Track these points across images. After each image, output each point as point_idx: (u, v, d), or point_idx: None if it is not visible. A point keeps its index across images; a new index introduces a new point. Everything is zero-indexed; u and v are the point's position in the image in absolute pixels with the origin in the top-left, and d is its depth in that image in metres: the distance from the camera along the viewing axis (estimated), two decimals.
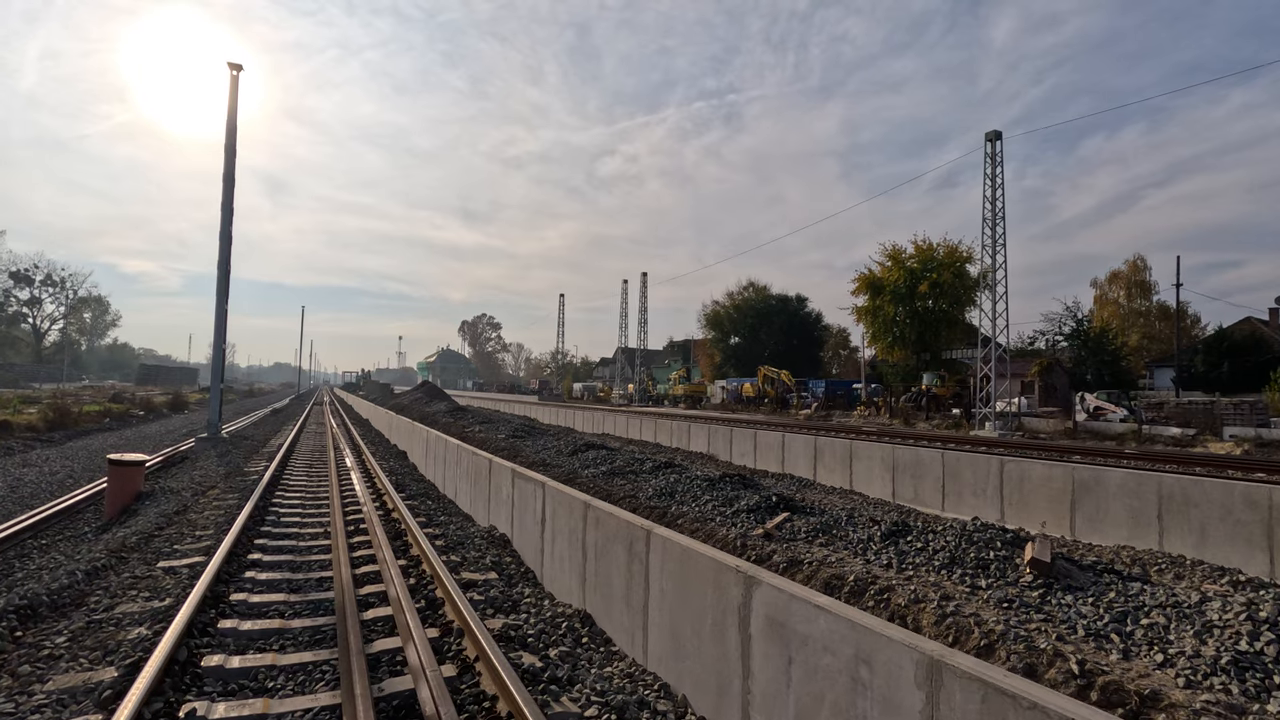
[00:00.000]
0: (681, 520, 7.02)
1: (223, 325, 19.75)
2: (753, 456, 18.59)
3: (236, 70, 20.87)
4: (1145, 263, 66.15)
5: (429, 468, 14.60)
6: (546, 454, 13.31)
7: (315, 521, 9.30)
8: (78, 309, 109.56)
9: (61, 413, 28.35)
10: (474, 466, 10.27)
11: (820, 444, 16.25)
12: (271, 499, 10.64)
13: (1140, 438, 27.08)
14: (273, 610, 5.67)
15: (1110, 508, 10.09)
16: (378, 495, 11.33)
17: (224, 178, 20.12)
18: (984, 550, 5.22)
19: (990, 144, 32.01)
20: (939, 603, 4.13)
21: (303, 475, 13.81)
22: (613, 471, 10.49)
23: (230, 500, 10.38)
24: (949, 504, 12.70)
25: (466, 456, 10.84)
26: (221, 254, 19.86)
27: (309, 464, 15.73)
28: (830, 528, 6.41)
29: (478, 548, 7.83)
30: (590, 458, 12.08)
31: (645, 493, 8.77)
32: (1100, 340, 49.64)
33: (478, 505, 10.02)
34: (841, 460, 15.45)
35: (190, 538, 7.97)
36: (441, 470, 13.10)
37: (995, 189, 32.07)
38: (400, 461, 17.25)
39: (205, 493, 11.14)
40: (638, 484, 9.41)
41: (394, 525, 8.92)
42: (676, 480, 9.14)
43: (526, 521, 7.63)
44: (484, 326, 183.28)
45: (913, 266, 46.56)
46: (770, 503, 7.44)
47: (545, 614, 5.76)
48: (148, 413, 37.78)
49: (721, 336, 70.93)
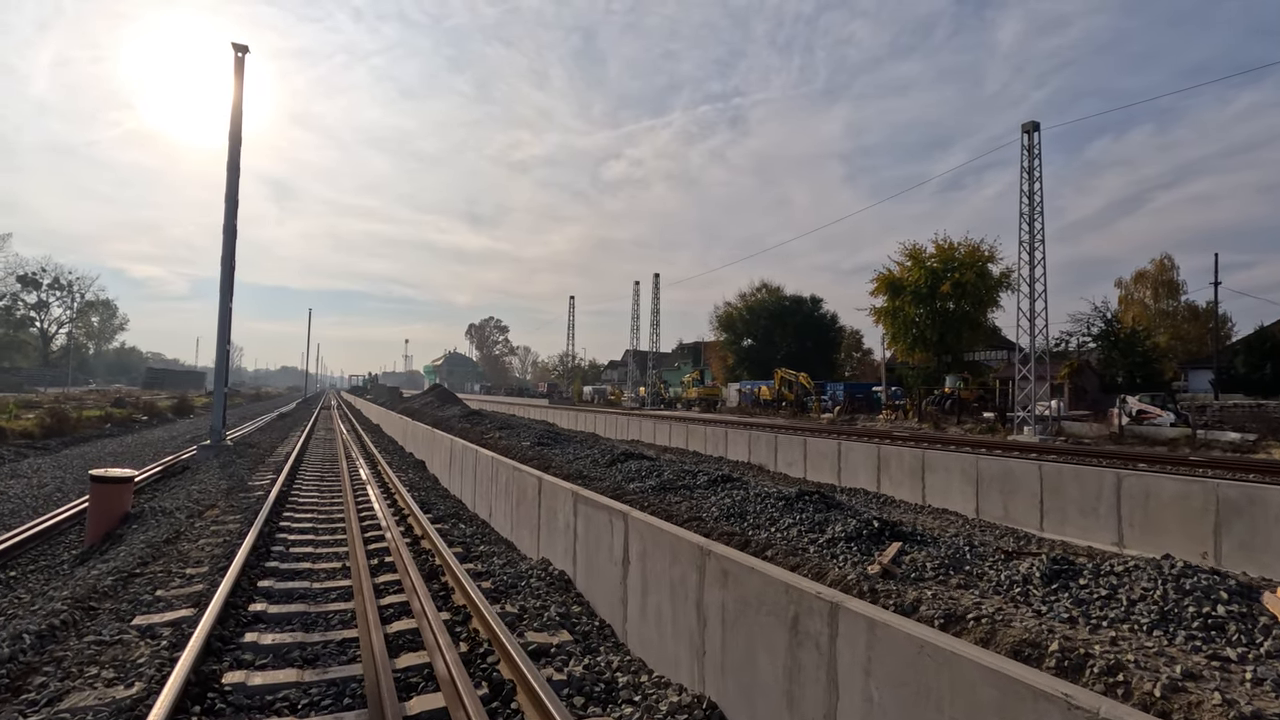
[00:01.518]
0: (772, 551, 5.50)
1: (226, 323, 18.31)
2: (802, 466, 17.00)
3: (242, 52, 19.47)
4: (1172, 262, 64.36)
5: (454, 481, 13.08)
6: (581, 464, 11.83)
7: (331, 553, 7.78)
8: (85, 313, 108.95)
9: (60, 418, 27.01)
10: (516, 484, 8.73)
11: (886, 453, 14.63)
12: (279, 522, 9.13)
13: (1194, 443, 25.38)
14: (281, 700, 4.13)
15: (1273, 534, 8.48)
16: (400, 516, 9.81)
17: (228, 165, 18.71)
18: (1205, 602, 3.70)
19: (1027, 135, 30.45)
20: (1200, 689, 2.64)
21: (313, 490, 12.32)
22: (663, 486, 9.00)
23: (231, 524, 8.87)
24: (1050, 524, 11.08)
25: (505, 472, 9.30)
26: (226, 248, 18.44)
27: (320, 475, 14.24)
28: (958, 562, 4.93)
29: (535, 592, 6.28)
30: (632, 469, 10.59)
31: (709, 513, 7.28)
32: (1131, 341, 47.91)
33: (522, 531, 8.47)
34: (912, 471, 13.85)
35: (179, 578, 6.45)
36: (470, 485, 11.57)
37: (1033, 182, 30.49)
38: (419, 473, 15.74)
39: (203, 514, 9.63)
40: (696, 501, 7.91)
41: (426, 559, 7.39)
42: (743, 498, 7.63)
43: (598, 560, 6.09)
44: (491, 330, 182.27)
45: (934, 266, 45.05)
46: (872, 529, 5.93)
47: (652, 702, 4.21)
48: (151, 417, 36.45)
49: (734, 338, 69.33)
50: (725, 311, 70.21)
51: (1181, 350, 56.47)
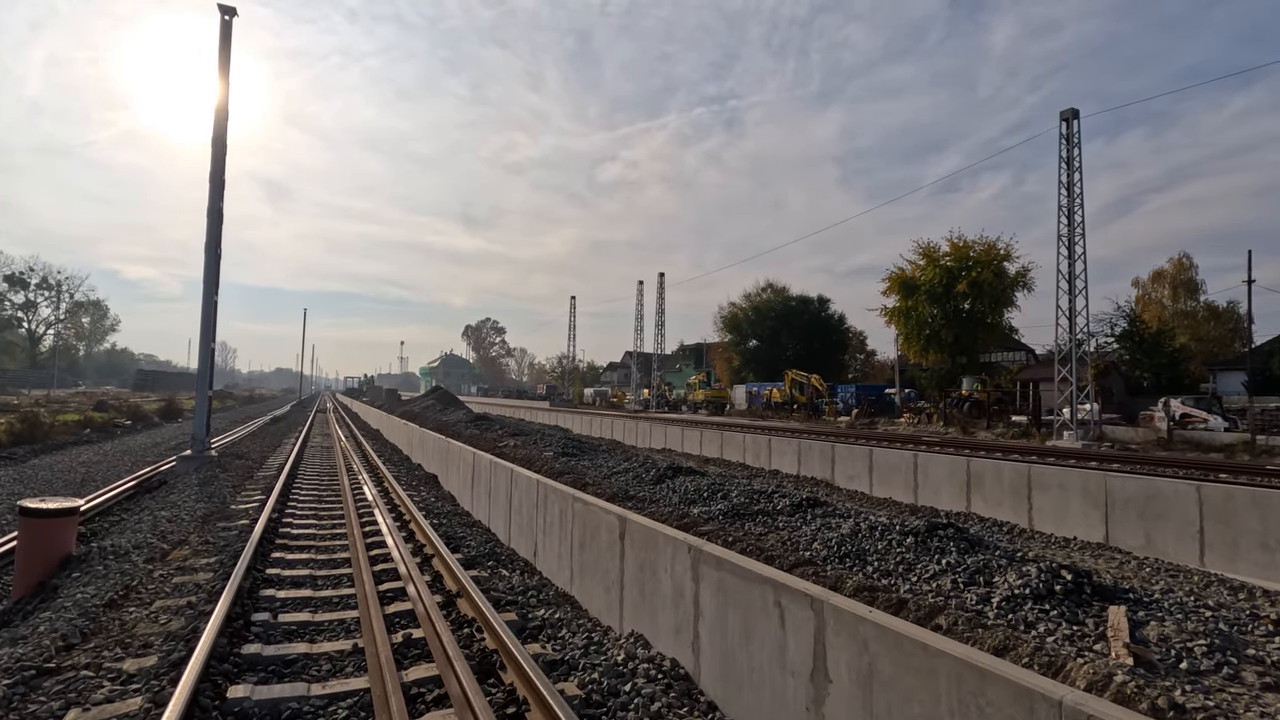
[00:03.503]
0: (945, 620, 3.46)
1: (211, 318, 16.15)
2: (867, 480, 14.93)
3: (229, 15, 17.35)
4: (1191, 261, 62.72)
5: (479, 505, 10.95)
6: (621, 480, 9.85)
7: (336, 621, 5.63)
8: (75, 313, 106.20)
9: (31, 424, 24.74)
10: (580, 521, 6.61)
11: (978, 468, 12.55)
12: (265, 568, 6.98)
13: (1254, 449, 23.47)
14: None
15: None
16: (424, 558, 7.66)
17: (213, 141, 16.58)
18: None
19: (1066, 123, 28.61)
20: None
21: (309, 516, 10.17)
22: (734, 512, 7.03)
23: (201, 573, 6.72)
24: (1214, 559, 9.03)
25: (561, 502, 7.18)
26: (210, 233, 16.29)
27: (317, 495, 12.08)
28: (1227, 640, 2.98)
29: (648, 704, 4.17)
30: (687, 488, 8.60)
31: (813, 551, 5.33)
32: (1157, 342, 46.24)
33: (590, 585, 6.33)
34: (1013, 490, 11.79)
35: (112, 678, 4.32)
36: (503, 512, 9.45)
37: (1072, 172, 28.62)
38: (432, 490, 13.58)
39: (167, 555, 7.47)
40: (785, 534, 5.96)
41: (471, 635, 5.27)
42: (852, 532, 5.69)
43: (748, 659, 4.00)
44: (488, 331, 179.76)
45: (948, 265, 43.31)
46: (1064, 582, 4.06)
47: None
48: (135, 422, 34.09)
49: (739, 339, 67.35)
50: (730, 312, 68.21)
51: (1202, 351, 54.78)
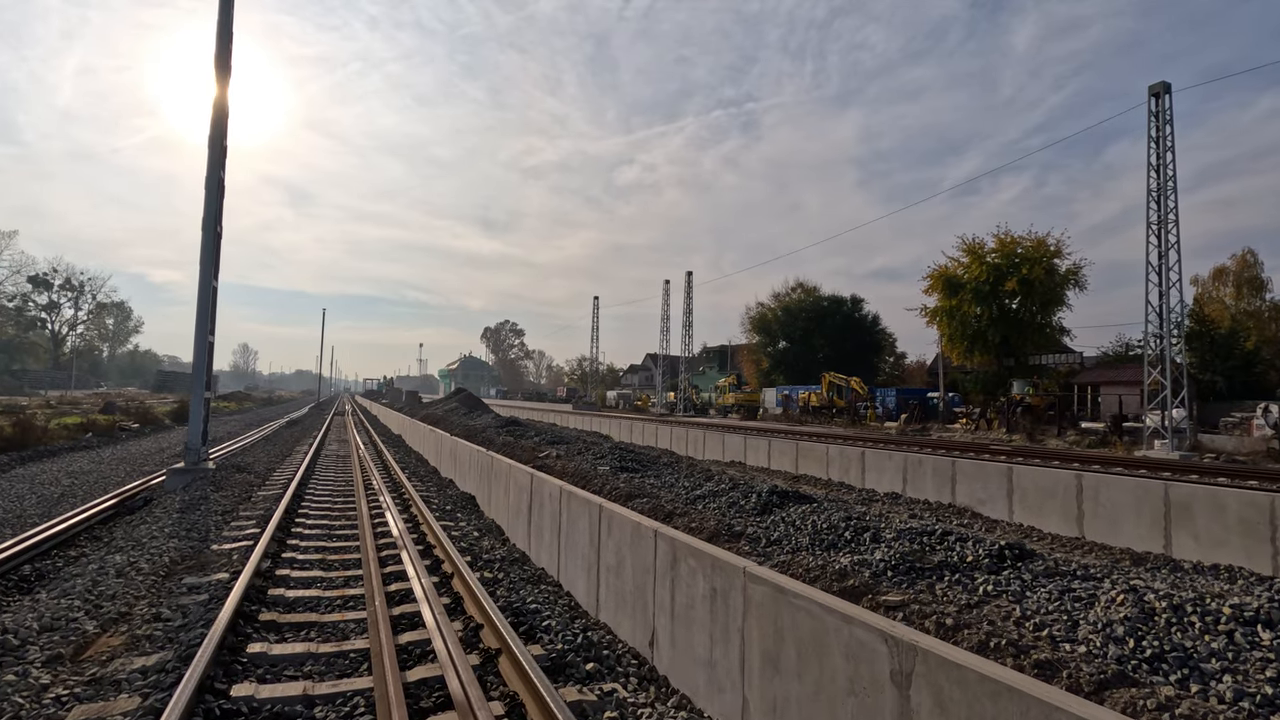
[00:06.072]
0: None
1: (208, 304, 13.80)
2: (1005, 506, 12.10)
3: None
4: (1255, 257, 58.62)
5: (538, 541, 8.31)
6: (713, 507, 7.46)
7: None
8: (99, 315, 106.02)
9: (24, 428, 22.67)
10: (765, 619, 3.95)
11: (1180, 495, 9.65)
12: (232, 684, 4.36)
13: None
14: None
15: None
16: (484, 656, 5.01)
17: (214, 103, 14.23)
18: None
19: (1156, 99, 25.49)
20: None
21: (316, 565, 7.60)
22: (905, 564, 4.93)
23: (124, 695, 4.15)
24: None
25: (710, 578, 4.52)
26: (208, 207, 13.95)
27: (327, 528, 9.54)
28: None
29: None
30: (817, 525, 6.25)
31: (1092, 647, 2.63)
32: (1230, 343, 42.68)
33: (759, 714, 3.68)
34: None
35: None
36: (583, 562, 6.82)
37: (1163, 153, 25.50)
38: (471, 517, 10.96)
39: (82, 652, 4.91)
40: (1001, 604, 3.38)
41: None
42: (1138, 615, 3.05)
43: None
44: (507, 334, 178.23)
45: (995, 262, 40.31)
46: None
47: None
48: (144, 425, 32.07)
49: (768, 340, 64.53)
50: (759, 312, 65.38)
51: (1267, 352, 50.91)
